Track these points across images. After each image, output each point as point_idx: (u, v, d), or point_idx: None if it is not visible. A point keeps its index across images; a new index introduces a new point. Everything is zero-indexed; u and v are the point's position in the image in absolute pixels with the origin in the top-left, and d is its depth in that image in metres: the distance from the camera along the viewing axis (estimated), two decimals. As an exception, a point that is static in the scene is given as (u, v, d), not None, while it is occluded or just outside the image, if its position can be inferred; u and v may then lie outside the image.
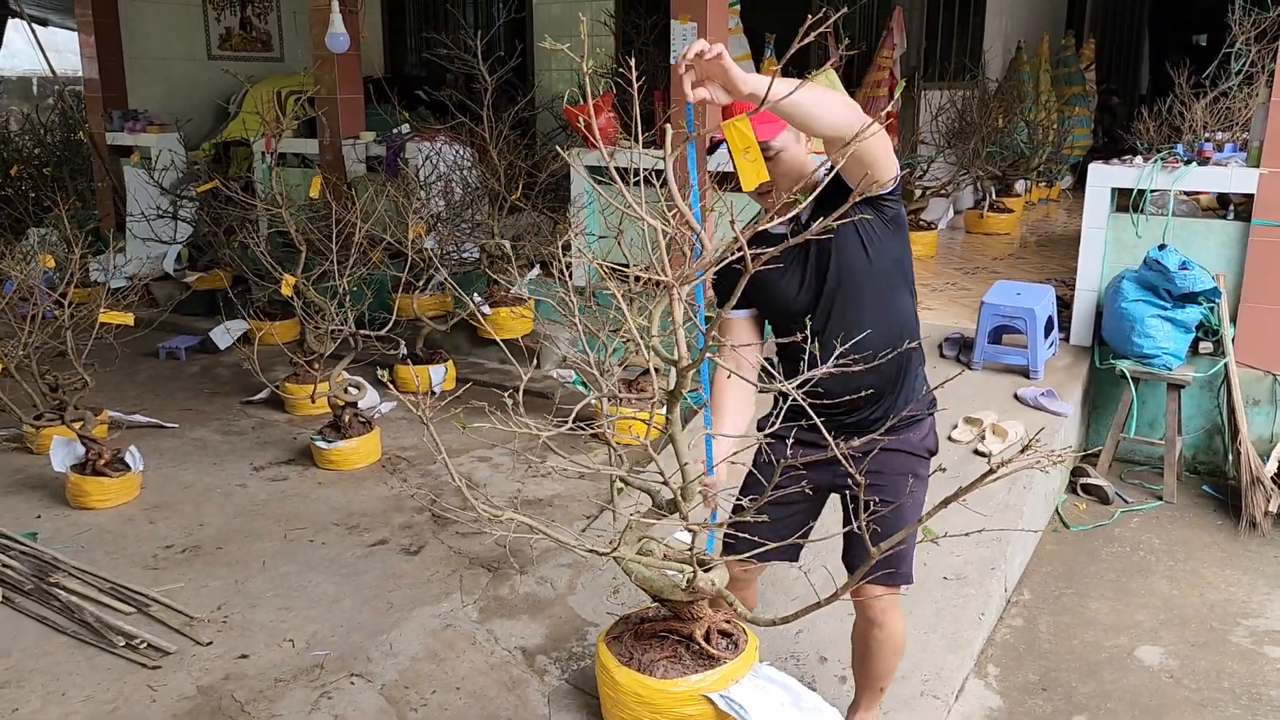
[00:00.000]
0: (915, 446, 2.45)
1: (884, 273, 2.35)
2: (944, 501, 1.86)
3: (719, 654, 2.14)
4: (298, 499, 4.48)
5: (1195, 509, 4.49)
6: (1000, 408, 4.64)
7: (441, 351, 6.07)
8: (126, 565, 3.87)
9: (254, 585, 3.72)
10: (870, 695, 2.74)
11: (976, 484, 1.81)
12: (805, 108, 1.99)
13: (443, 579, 3.75)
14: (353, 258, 5.06)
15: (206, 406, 5.75)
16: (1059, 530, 4.27)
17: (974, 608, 3.39)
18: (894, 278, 2.38)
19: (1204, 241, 4.84)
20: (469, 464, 4.83)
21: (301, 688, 3.10)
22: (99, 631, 3.34)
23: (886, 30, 8.43)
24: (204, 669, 3.19)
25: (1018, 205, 8.47)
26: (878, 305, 2.34)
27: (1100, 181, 5.02)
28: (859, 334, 2.20)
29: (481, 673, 3.18)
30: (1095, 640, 3.46)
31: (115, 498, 4.36)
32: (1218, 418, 4.76)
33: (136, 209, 7.95)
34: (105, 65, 8.47)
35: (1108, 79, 11.63)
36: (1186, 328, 4.61)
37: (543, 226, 6.28)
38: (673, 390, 1.97)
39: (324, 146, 7.31)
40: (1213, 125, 5.75)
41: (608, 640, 2.28)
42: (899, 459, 2.41)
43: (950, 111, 8.04)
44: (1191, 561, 4.01)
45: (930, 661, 3.15)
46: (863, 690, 2.75)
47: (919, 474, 2.45)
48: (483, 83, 5.91)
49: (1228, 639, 3.47)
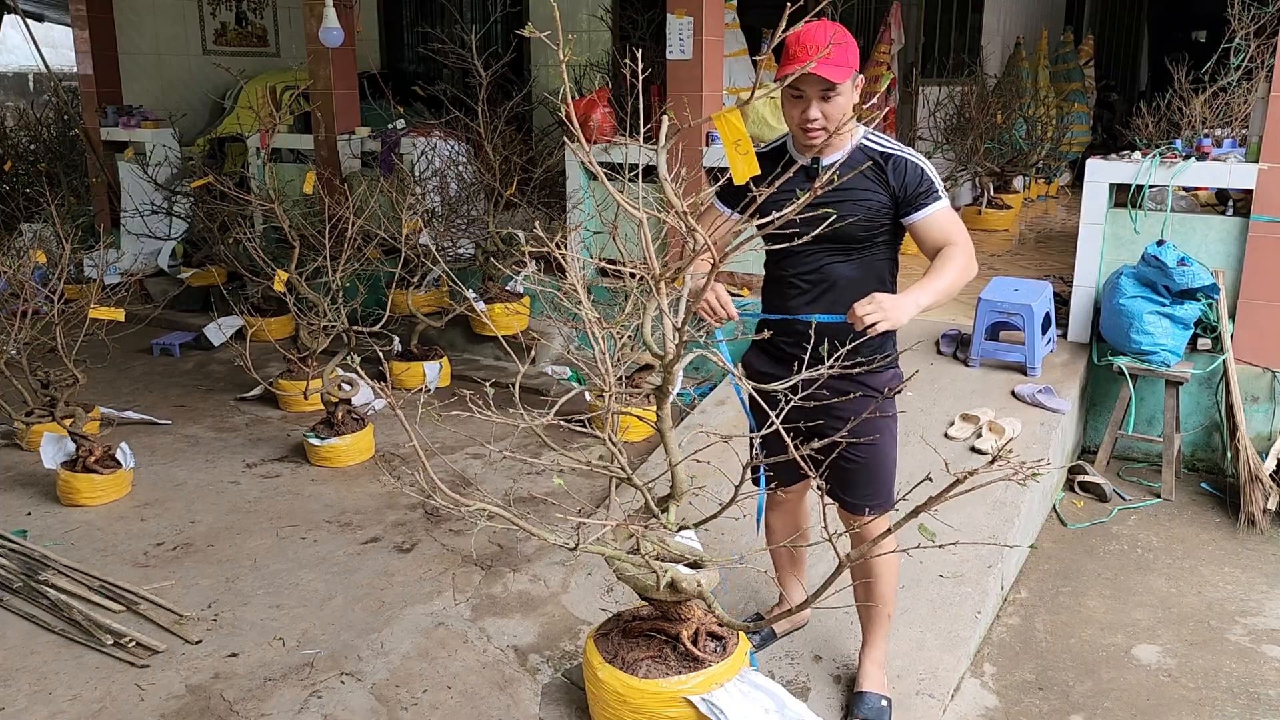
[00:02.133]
0: (880, 388, 2.69)
1: (875, 243, 2.65)
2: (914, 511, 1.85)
3: (704, 656, 2.10)
4: (290, 496, 4.45)
5: (1193, 506, 4.46)
6: (997, 405, 4.62)
7: (437, 348, 6.04)
8: (116, 563, 3.84)
9: (245, 583, 3.69)
10: (879, 627, 2.90)
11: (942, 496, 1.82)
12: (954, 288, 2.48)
13: (435, 577, 3.72)
14: (345, 254, 5.03)
15: (200, 403, 5.72)
16: (1057, 528, 4.25)
17: (970, 606, 3.36)
18: (882, 249, 2.68)
19: (1202, 237, 4.81)
20: (462, 461, 4.80)
21: (291, 686, 3.07)
22: (87, 630, 3.31)
23: (884, 25, 8.38)
24: (193, 668, 3.16)
25: (1016, 202, 8.44)
26: (861, 264, 2.64)
27: (1098, 177, 4.99)
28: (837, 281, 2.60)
29: (473, 671, 3.15)
30: (1092, 639, 3.44)
31: (106, 495, 4.33)
32: (1216, 415, 4.73)
33: (131, 205, 7.92)
34: (100, 60, 8.42)
35: (1107, 75, 11.60)
36: (1185, 324, 4.58)
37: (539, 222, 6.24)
38: (660, 386, 1.93)
39: (319, 142, 7.27)
40: (1212, 121, 5.72)
41: (596, 637, 2.25)
42: (868, 401, 2.62)
43: (948, 107, 8.01)
44: (1189, 559, 3.99)
45: (926, 660, 3.12)
46: (870, 624, 2.90)
47: (888, 412, 2.72)
48: (477, 77, 5.88)
49: (1225, 637, 3.44)
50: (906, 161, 2.59)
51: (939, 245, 2.58)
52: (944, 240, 2.58)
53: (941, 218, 2.58)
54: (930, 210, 2.57)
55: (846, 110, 2.52)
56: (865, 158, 2.58)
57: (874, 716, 2.82)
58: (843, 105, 2.51)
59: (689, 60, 5.67)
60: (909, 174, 2.57)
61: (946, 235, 2.58)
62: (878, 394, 2.65)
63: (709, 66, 5.71)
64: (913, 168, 2.57)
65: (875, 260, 2.67)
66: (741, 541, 3.71)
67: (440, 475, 4.59)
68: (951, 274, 2.48)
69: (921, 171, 2.58)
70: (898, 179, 2.57)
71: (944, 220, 2.59)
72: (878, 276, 2.68)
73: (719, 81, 5.90)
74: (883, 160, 2.59)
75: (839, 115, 2.50)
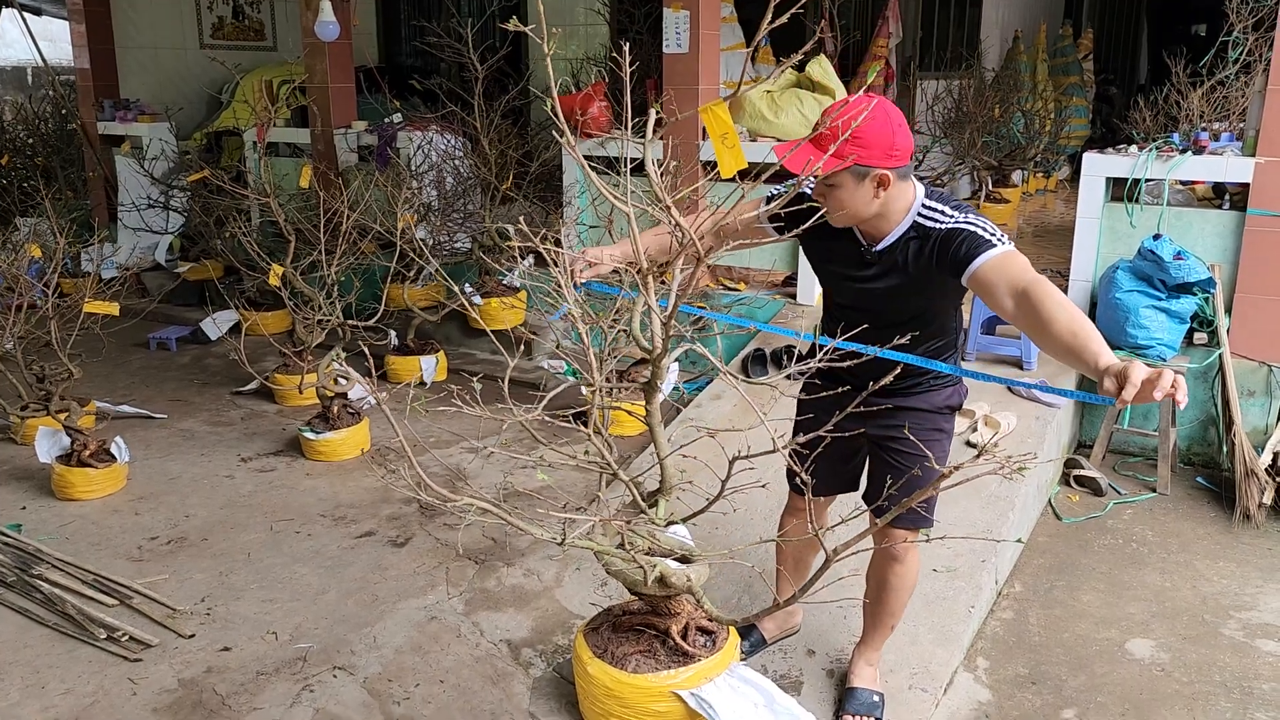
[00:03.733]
0: (939, 406, 2.63)
1: (936, 296, 2.52)
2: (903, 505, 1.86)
3: (694, 651, 2.10)
4: (285, 490, 4.45)
5: (1189, 501, 4.46)
6: (993, 399, 4.61)
7: (433, 343, 6.04)
8: (110, 557, 3.83)
9: (238, 577, 3.69)
10: (880, 634, 2.88)
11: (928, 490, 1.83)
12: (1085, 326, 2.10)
13: (429, 571, 3.72)
14: (340, 248, 5.02)
15: (196, 397, 5.71)
16: (1052, 522, 4.24)
17: (964, 600, 3.36)
18: (943, 304, 2.56)
19: (1199, 231, 4.80)
20: (458, 455, 4.80)
21: (283, 680, 3.07)
22: (80, 624, 3.31)
23: (882, 19, 8.37)
24: (185, 662, 3.16)
25: (1014, 196, 8.42)
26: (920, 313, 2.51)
27: (1095, 171, 4.98)
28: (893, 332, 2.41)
29: (466, 666, 3.15)
30: (1086, 633, 3.43)
31: (101, 489, 4.33)
32: (1212, 409, 4.73)
33: (128, 199, 7.91)
34: (96, 54, 8.40)
35: (1106, 69, 11.57)
36: (1181, 318, 4.57)
37: (535, 216, 6.23)
38: (648, 382, 1.93)
39: (316, 136, 7.26)
40: (1209, 115, 5.70)
41: (586, 631, 2.24)
42: (924, 416, 2.60)
43: (946, 101, 7.99)
44: (1184, 554, 3.98)
45: (919, 655, 3.12)
46: (872, 629, 2.88)
47: (943, 428, 2.65)
48: (473, 71, 5.87)
49: (1220, 632, 3.44)
50: (948, 231, 2.33)
51: (1013, 291, 2.19)
52: (1013, 284, 2.19)
53: (998, 263, 2.23)
54: (983, 259, 2.25)
55: (850, 205, 2.32)
56: (917, 235, 2.39)
57: (866, 712, 2.82)
58: (846, 199, 2.31)
59: (685, 54, 5.66)
60: (952, 241, 2.31)
61: (1012, 279, 2.20)
62: (931, 412, 2.60)
63: (705, 60, 5.70)
64: (953, 232, 2.31)
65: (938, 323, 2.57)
66: (735, 535, 3.70)
67: (434, 470, 4.60)
68: (1074, 312, 2.10)
69: (964, 231, 2.30)
70: (943, 252, 2.33)
71: (1003, 264, 2.23)
72: (940, 327, 2.58)
73: (716, 75, 5.89)
74: (926, 238, 2.37)
75: (842, 207, 2.32)
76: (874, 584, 2.83)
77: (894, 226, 2.40)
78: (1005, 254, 2.24)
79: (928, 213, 2.39)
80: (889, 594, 2.80)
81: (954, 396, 2.65)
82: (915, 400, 2.60)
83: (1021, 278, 2.18)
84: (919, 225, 2.39)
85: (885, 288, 2.47)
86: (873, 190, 2.31)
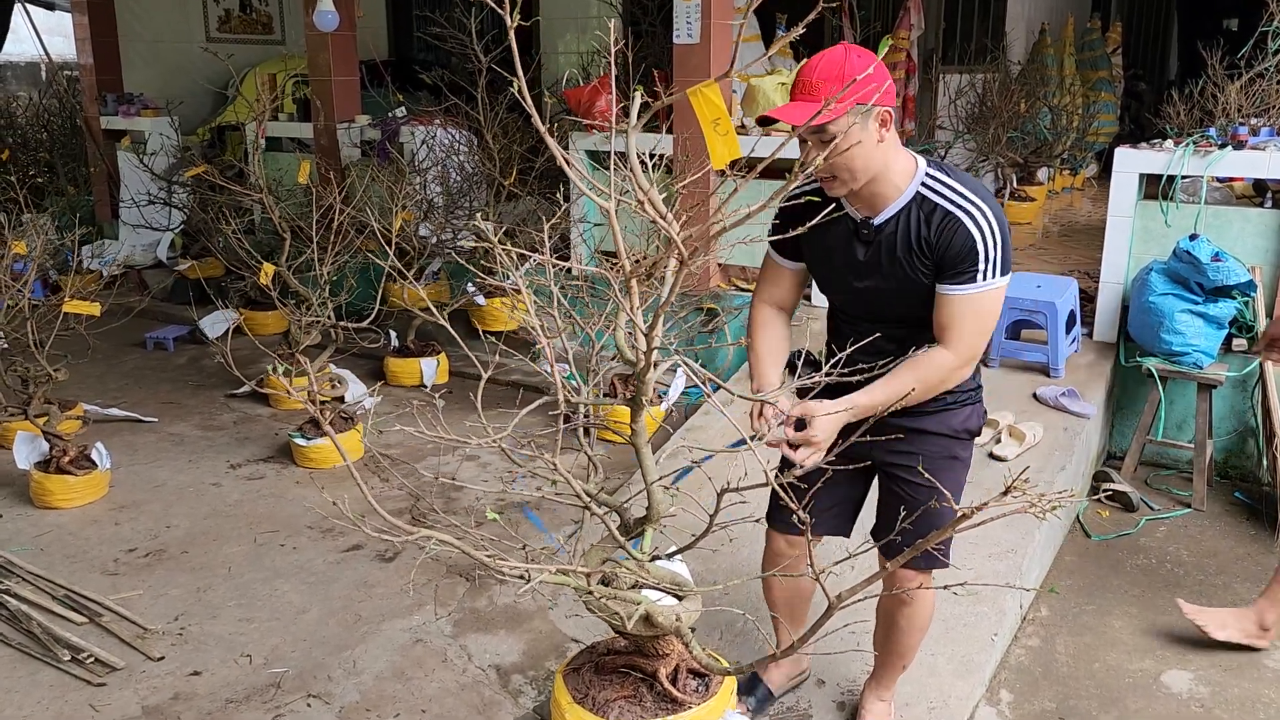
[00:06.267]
0: (955, 429, 2.39)
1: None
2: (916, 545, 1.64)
3: (683, 697, 1.88)
4: (272, 499, 4.25)
5: (1226, 517, 4.20)
6: (1018, 408, 4.37)
7: (434, 344, 5.84)
8: (85, 570, 3.65)
9: (216, 594, 3.50)
10: (891, 672, 2.69)
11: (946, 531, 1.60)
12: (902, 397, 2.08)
13: (417, 588, 3.51)
14: (334, 245, 4.82)
15: (189, 400, 5.53)
16: (1080, 540, 4.00)
17: (986, 627, 3.13)
18: None
19: (1239, 231, 4.55)
20: (455, 463, 4.60)
21: (254, 709, 2.87)
22: (45, 644, 3.12)
23: (904, 10, 8.10)
24: (152, 687, 2.97)
25: (1040, 194, 8.14)
26: (925, 306, 2.27)
27: (1127, 167, 4.72)
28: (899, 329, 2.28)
29: (450, 694, 2.95)
30: (1118, 663, 3.19)
31: (80, 497, 4.15)
32: (1251, 420, 4.47)
33: (128, 195, 7.75)
34: (100, 47, 8.25)
35: (1135, 64, 11.26)
36: (1219, 323, 4.31)
37: (540, 213, 6.02)
38: (634, 397, 1.71)
39: (318, 130, 7.07)
40: (1248, 109, 5.43)
41: (566, 672, 2.03)
42: (938, 441, 2.38)
43: (970, 95, 7.72)
44: (1223, 576, 3.73)
45: (937, 687, 2.89)
46: (884, 666, 2.69)
47: (959, 456, 2.43)
48: (478, 64, 5.67)
49: (1263, 663, 3.18)
50: (959, 225, 2.14)
51: (940, 330, 2.20)
52: (944, 328, 2.18)
53: (961, 304, 2.16)
54: (957, 291, 2.16)
55: (859, 156, 2.10)
56: (919, 210, 2.18)
57: None
58: (852, 152, 2.09)
59: (696, 44, 5.43)
60: (954, 242, 2.14)
61: (948, 324, 2.18)
62: (947, 437, 2.38)
63: (717, 51, 5.46)
64: (962, 235, 2.13)
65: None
66: (737, 558, 3.48)
67: (429, 479, 4.40)
68: (905, 384, 2.12)
69: (971, 245, 2.14)
70: (941, 242, 2.15)
71: (961, 308, 2.16)
72: None
73: (727, 66, 5.66)
74: (929, 215, 2.17)
75: (850, 163, 2.11)
76: (883, 624, 2.62)
77: (896, 196, 2.21)
78: (975, 294, 2.17)
79: (931, 183, 2.21)
80: (898, 636, 2.59)
81: (972, 418, 2.41)
82: (929, 422, 2.36)
83: (948, 327, 2.19)
84: (922, 197, 2.20)
85: (887, 270, 2.23)
86: (877, 133, 2.12)
